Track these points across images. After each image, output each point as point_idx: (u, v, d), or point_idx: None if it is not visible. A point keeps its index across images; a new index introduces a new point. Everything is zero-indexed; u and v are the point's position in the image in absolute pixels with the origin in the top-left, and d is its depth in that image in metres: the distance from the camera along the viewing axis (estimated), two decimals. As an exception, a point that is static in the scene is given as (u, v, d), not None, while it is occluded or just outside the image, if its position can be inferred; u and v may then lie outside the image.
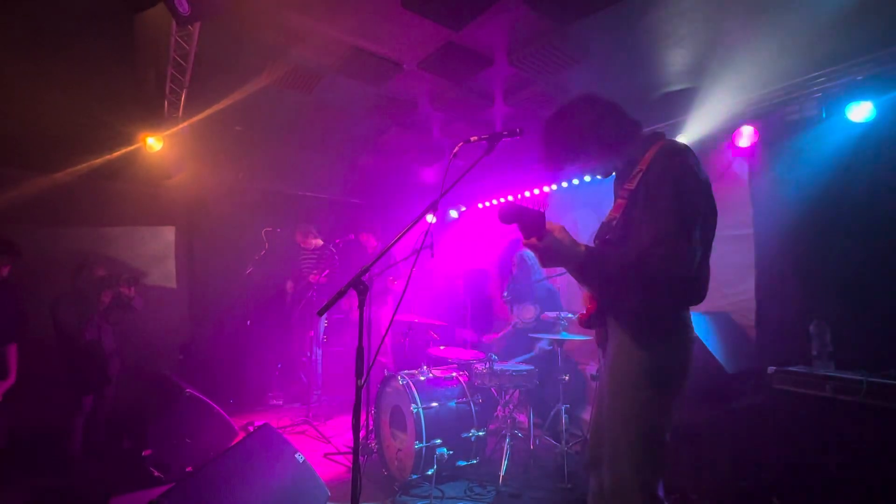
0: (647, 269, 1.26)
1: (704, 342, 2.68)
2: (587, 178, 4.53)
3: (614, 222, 1.46)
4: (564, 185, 4.76)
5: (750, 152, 3.24)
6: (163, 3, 1.86)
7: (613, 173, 1.59)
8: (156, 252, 4.75)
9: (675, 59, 2.81)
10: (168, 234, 4.88)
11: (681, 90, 3.09)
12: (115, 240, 4.50)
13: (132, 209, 4.55)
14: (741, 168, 3.34)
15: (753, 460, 2.50)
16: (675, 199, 1.28)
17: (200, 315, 4.98)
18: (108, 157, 3.87)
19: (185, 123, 3.43)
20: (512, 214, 1.29)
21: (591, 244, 1.42)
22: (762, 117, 3.10)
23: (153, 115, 3.37)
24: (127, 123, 3.51)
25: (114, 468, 3.12)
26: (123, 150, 3.80)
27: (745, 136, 3.16)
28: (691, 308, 1.46)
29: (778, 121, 3.07)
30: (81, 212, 4.38)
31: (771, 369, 2.51)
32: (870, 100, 2.59)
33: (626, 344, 1.43)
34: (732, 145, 3.23)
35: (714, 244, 1.51)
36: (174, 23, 2.24)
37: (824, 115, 2.79)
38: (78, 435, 3.37)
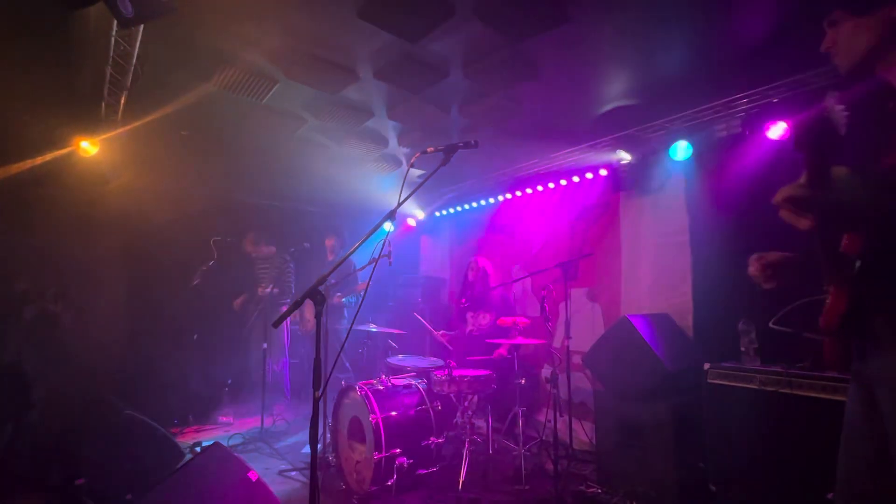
0: None
1: (647, 342, 2.87)
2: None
3: None
4: (518, 193, 4.91)
5: (686, 165, 3.52)
6: (103, 2, 1.77)
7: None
8: (89, 263, 4.40)
9: (618, 78, 3.00)
10: (104, 243, 4.54)
11: (624, 106, 3.30)
12: (41, 250, 4.13)
13: (63, 217, 4.19)
14: (678, 179, 3.61)
15: (692, 450, 2.69)
16: None
17: (141, 330, 4.66)
18: (34, 160, 3.56)
19: (127, 128, 3.23)
20: (817, 140, 0.94)
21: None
22: (695, 133, 3.38)
23: (88, 117, 3.15)
24: (58, 126, 3.26)
25: (41, 501, 2.84)
26: (53, 154, 3.52)
27: (681, 150, 3.42)
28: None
29: (709, 137, 3.36)
30: (1, 220, 3.99)
31: (706, 365, 2.72)
32: (785, 120, 2.90)
33: None
34: (671, 158, 3.49)
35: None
36: (115, 22, 2.13)
37: (747, 133, 3.08)
38: (-5, 467, 3.05)
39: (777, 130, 2.92)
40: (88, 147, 3.44)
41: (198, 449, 3.45)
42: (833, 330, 1.15)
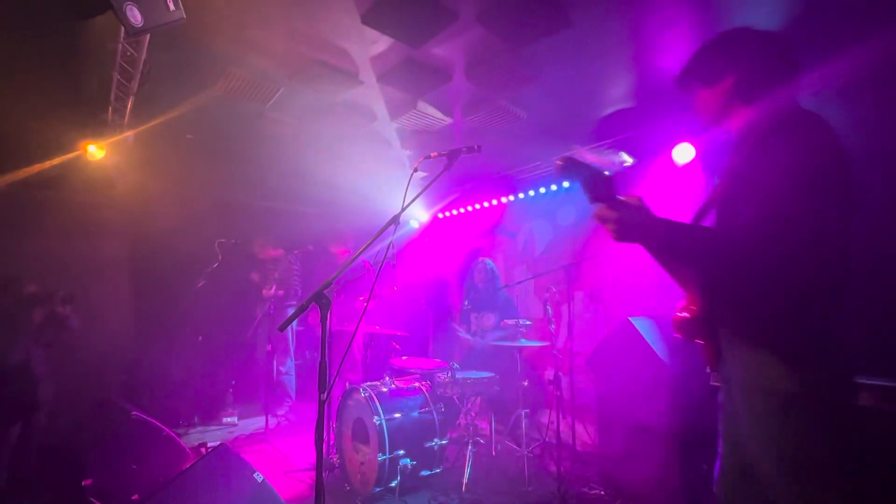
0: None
1: (650, 344, 2.87)
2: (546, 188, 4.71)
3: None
4: (521, 196, 4.93)
5: (688, 167, 3.51)
6: (112, 11, 1.80)
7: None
8: (97, 266, 4.45)
9: (620, 81, 3.01)
10: (111, 246, 4.59)
11: (626, 108, 3.31)
12: (50, 253, 4.17)
13: (71, 220, 4.25)
14: (681, 181, 3.61)
15: (696, 452, 2.68)
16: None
17: (147, 332, 4.70)
18: (43, 164, 3.61)
19: (132, 132, 3.27)
20: (574, 171, 1.13)
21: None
22: (697, 135, 3.38)
23: (95, 121, 3.19)
24: (65, 130, 3.30)
25: (49, 501, 2.88)
26: (61, 158, 3.56)
27: (684, 153, 3.42)
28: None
29: (711, 139, 3.35)
30: (10, 223, 4.04)
31: (708, 368, 2.72)
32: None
33: (758, 368, 1.13)
34: (672, 161, 3.49)
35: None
36: (122, 29, 2.16)
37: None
38: (2, 468, 3.08)
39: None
40: (95, 151, 3.48)
41: (203, 450, 3.47)
42: (686, 333, 1.39)
